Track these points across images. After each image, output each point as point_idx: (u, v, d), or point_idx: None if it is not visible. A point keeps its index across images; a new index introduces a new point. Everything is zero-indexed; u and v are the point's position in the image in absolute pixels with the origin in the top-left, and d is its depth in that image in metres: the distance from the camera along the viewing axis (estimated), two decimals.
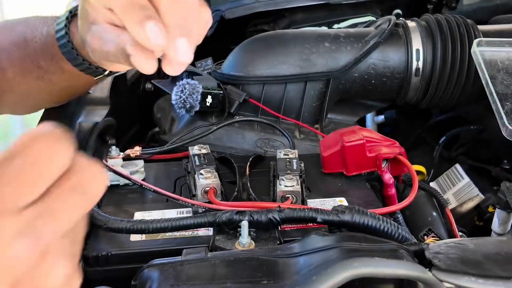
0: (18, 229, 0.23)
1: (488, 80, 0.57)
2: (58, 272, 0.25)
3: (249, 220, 0.51)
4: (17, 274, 0.23)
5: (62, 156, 0.24)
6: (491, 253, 0.44)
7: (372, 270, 0.38)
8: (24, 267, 0.23)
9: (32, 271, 0.24)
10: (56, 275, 0.25)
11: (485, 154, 0.89)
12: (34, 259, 0.24)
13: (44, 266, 0.24)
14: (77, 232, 0.26)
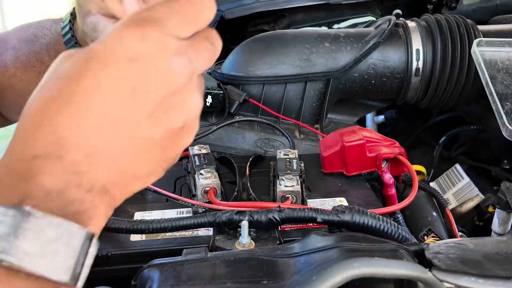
0: (178, 50, 0.30)
1: (488, 80, 0.57)
2: (197, 101, 0.32)
3: (249, 220, 0.50)
4: (172, 86, 0.31)
5: (212, 11, 0.32)
6: (491, 253, 0.44)
7: (372, 270, 0.38)
8: (177, 83, 0.31)
9: (181, 90, 0.31)
10: (196, 103, 0.32)
11: (485, 154, 0.89)
12: (185, 79, 0.31)
13: (190, 89, 0.32)
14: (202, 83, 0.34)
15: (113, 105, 0.30)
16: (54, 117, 0.29)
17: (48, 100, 0.30)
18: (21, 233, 0.27)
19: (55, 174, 0.28)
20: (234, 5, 1.01)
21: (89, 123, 0.29)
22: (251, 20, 1.07)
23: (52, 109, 0.30)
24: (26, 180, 0.28)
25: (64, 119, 0.29)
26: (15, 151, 0.30)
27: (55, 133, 0.29)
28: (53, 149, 0.29)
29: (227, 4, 1.02)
